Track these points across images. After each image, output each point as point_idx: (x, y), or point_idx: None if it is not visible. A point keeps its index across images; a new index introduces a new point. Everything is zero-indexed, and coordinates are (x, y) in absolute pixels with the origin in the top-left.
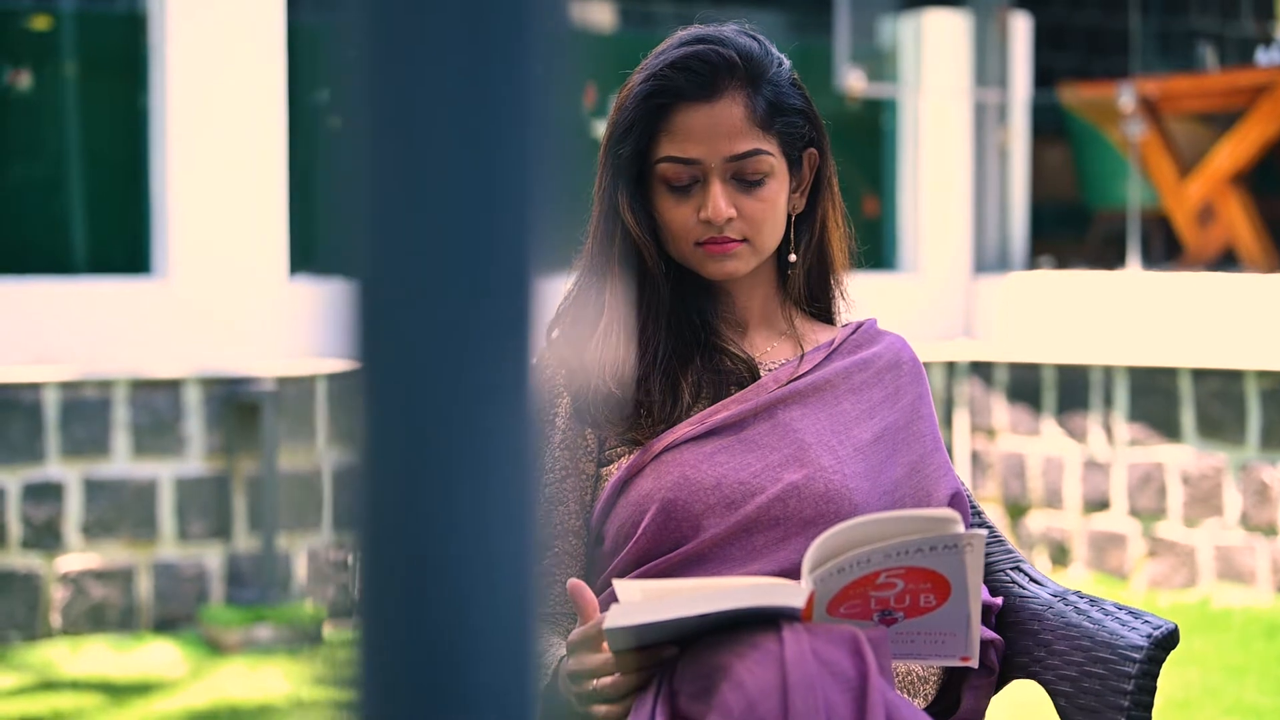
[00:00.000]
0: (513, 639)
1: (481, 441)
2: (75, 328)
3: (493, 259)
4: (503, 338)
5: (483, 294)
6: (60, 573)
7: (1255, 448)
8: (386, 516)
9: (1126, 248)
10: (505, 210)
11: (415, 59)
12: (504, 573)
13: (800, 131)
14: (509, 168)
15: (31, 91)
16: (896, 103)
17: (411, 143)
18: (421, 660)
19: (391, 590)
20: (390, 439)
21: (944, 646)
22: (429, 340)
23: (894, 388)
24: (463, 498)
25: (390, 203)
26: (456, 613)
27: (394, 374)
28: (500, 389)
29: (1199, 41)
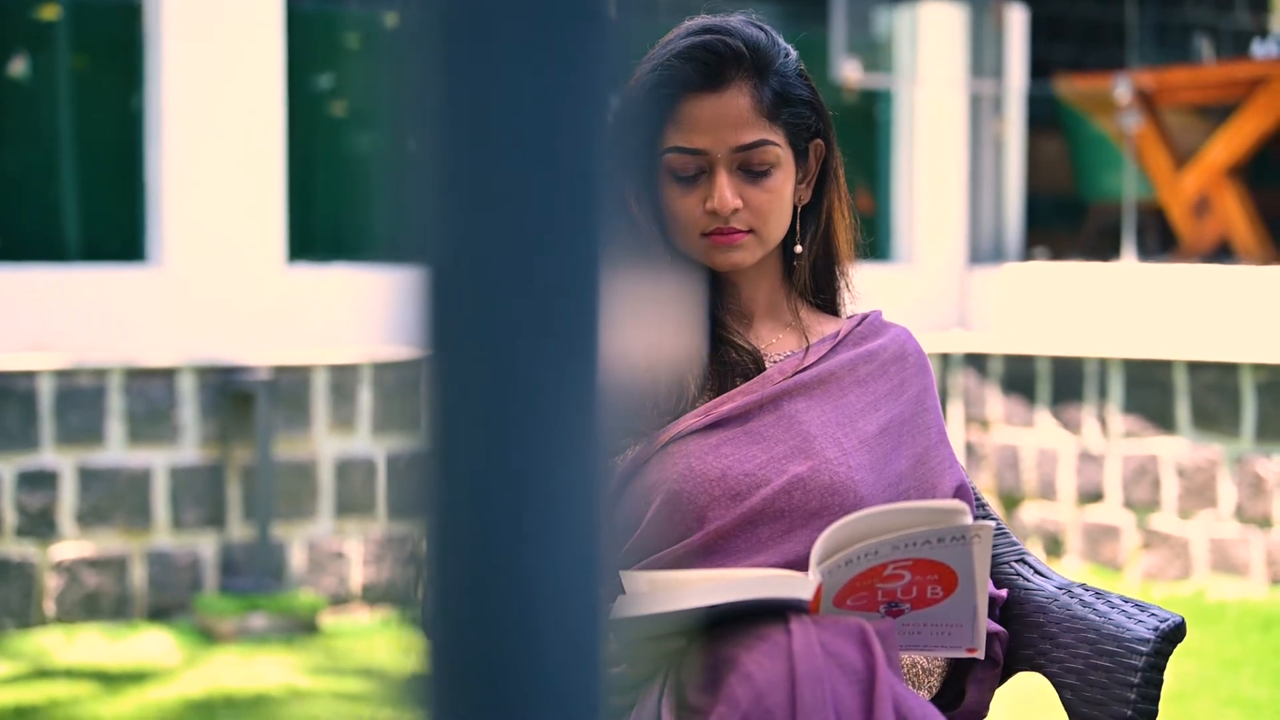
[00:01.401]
0: (581, 632)
1: (552, 432)
2: (70, 315)
3: (564, 250)
4: (573, 328)
5: (554, 284)
6: (54, 561)
7: (1250, 440)
8: (454, 507)
9: (1122, 239)
10: (576, 201)
11: (487, 52)
12: (573, 565)
13: (806, 122)
14: (579, 159)
15: (27, 78)
16: (892, 94)
17: (484, 134)
18: (488, 652)
19: (458, 581)
20: (460, 428)
21: (950, 638)
22: (500, 330)
23: (899, 380)
24: (532, 489)
25: (463, 193)
26: (524, 604)
27: (465, 363)
28: (571, 379)
29: (1194, 34)
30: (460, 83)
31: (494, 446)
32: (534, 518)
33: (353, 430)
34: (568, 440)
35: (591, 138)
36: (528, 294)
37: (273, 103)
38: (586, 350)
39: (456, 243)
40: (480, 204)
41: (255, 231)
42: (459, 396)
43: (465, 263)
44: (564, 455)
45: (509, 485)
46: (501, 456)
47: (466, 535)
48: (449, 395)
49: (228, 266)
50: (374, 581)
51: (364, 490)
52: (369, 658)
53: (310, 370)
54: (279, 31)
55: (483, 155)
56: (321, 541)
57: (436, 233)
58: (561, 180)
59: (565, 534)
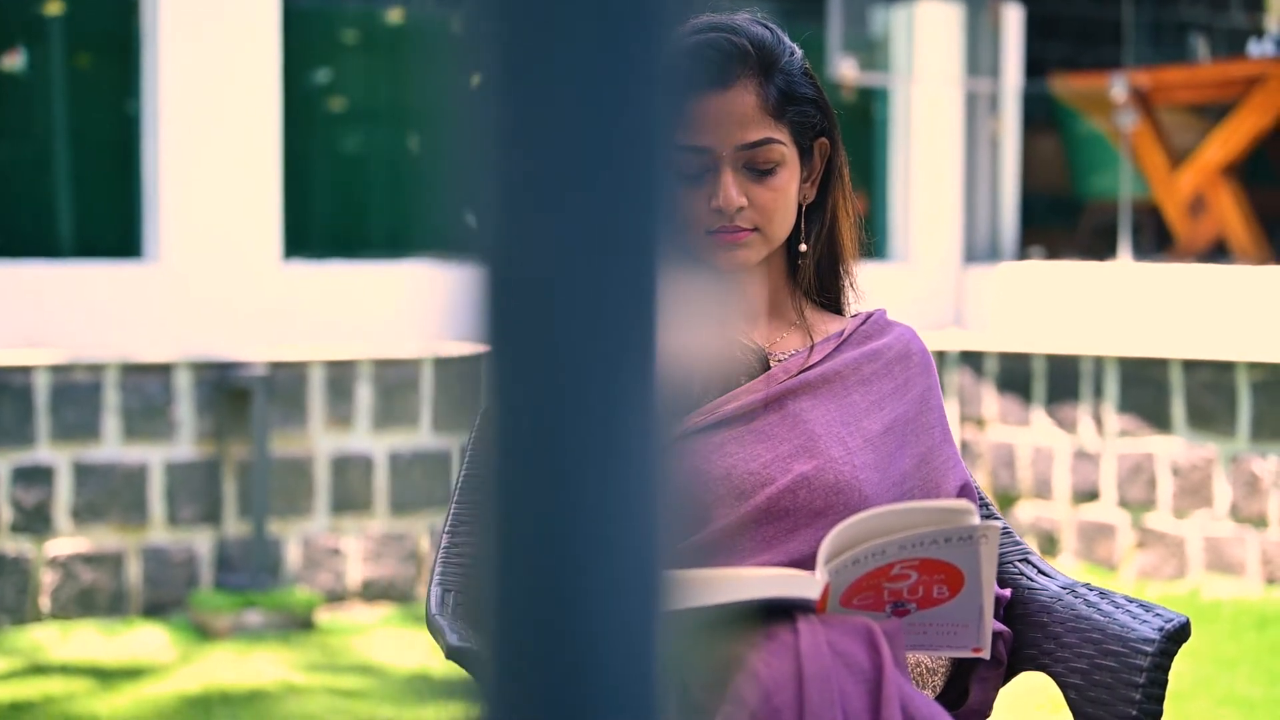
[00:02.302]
0: (639, 628)
1: (609, 429)
2: (66, 311)
3: (622, 245)
4: (631, 323)
5: (612, 280)
6: (50, 557)
7: (1246, 439)
8: (513, 502)
9: (1117, 238)
10: (634, 198)
11: (547, 51)
12: (632, 562)
13: (812, 121)
14: (637, 155)
15: (23, 72)
16: (888, 92)
17: (543, 131)
18: (547, 648)
19: (518, 578)
20: (518, 424)
21: (956, 638)
22: (558, 327)
23: (904, 379)
24: (591, 484)
25: (523, 189)
26: (584, 602)
27: (523, 358)
28: (629, 374)
29: (1190, 33)
30: (520, 81)
31: (551, 442)
32: (592, 515)
33: (349, 427)
34: (626, 437)
35: (651, 133)
36: (586, 291)
37: (270, 99)
38: (644, 347)
39: (515, 240)
40: (539, 201)
41: (252, 228)
42: (517, 393)
43: (524, 260)
44: (622, 452)
45: (566, 481)
46: (558, 452)
47: (525, 533)
48: (507, 391)
49: (224, 263)
50: (371, 578)
51: (360, 487)
52: (365, 654)
53: (307, 366)
54: (276, 28)
55: (542, 152)
56: (317, 538)
57: (495, 230)
58: (620, 178)
59: (624, 532)
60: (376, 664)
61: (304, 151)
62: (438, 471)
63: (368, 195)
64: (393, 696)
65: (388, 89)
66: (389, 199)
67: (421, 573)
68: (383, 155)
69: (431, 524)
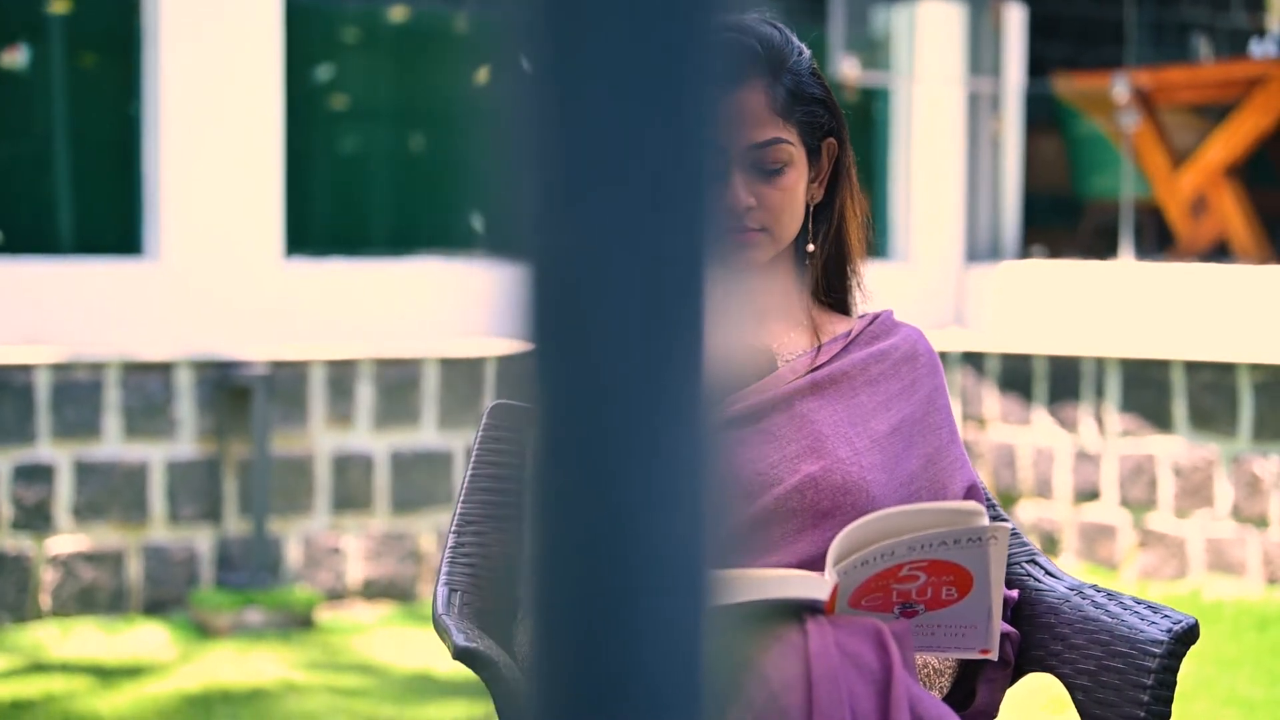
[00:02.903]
0: (687, 628)
1: (657, 427)
2: (67, 309)
3: (669, 244)
4: (678, 321)
5: (659, 279)
6: (50, 554)
7: (1247, 440)
8: (561, 500)
9: (1119, 238)
10: (681, 196)
11: (593, 50)
12: (679, 561)
13: (820, 121)
14: (684, 155)
15: (24, 69)
16: (890, 92)
17: (591, 130)
18: (594, 640)
19: (566, 575)
20: (564, 423)
21: (964, 639)
22: (606, 325)
23: (911, 379)
24: (638, 482)
25: (569, 188)
26: (630, 601)
27: (571, 356)
28: (676, 372)
29: (1191, 33)
30: (565, 77)
31: (597, 441)
32: (639, 514)
33: (350, 425)
34: (673, 435)
35: (698, 131)
36: (632, 288)
37: (271, 97)
38: (691, 345)
39: (561, 238)
40: (585, 198)
41: (253, 226)
42: (563, 391)
43: (570, 258)
44: (669, 450)
45: (613, 481)
46: (606, 450)
47: (571, 529)
48: (553, 390)
49: (225, 261)
50: (371, 577)
51: (361, 486)
52: (366, 653)
53: (307, 365)
54: (278, 25)
55: (587, 148)
56: (318, 537)
57: (541, 228)
58: (667, 174)
59: (671, 530)
60: (377, 663)
61: (305, 149)
62: (438, 471)
63: (369, 193)
64: (393, 695)
65: (389, 87)
66: (390, 197)
67: (422, 572)
68: (384, 153)
69: (432, 523)
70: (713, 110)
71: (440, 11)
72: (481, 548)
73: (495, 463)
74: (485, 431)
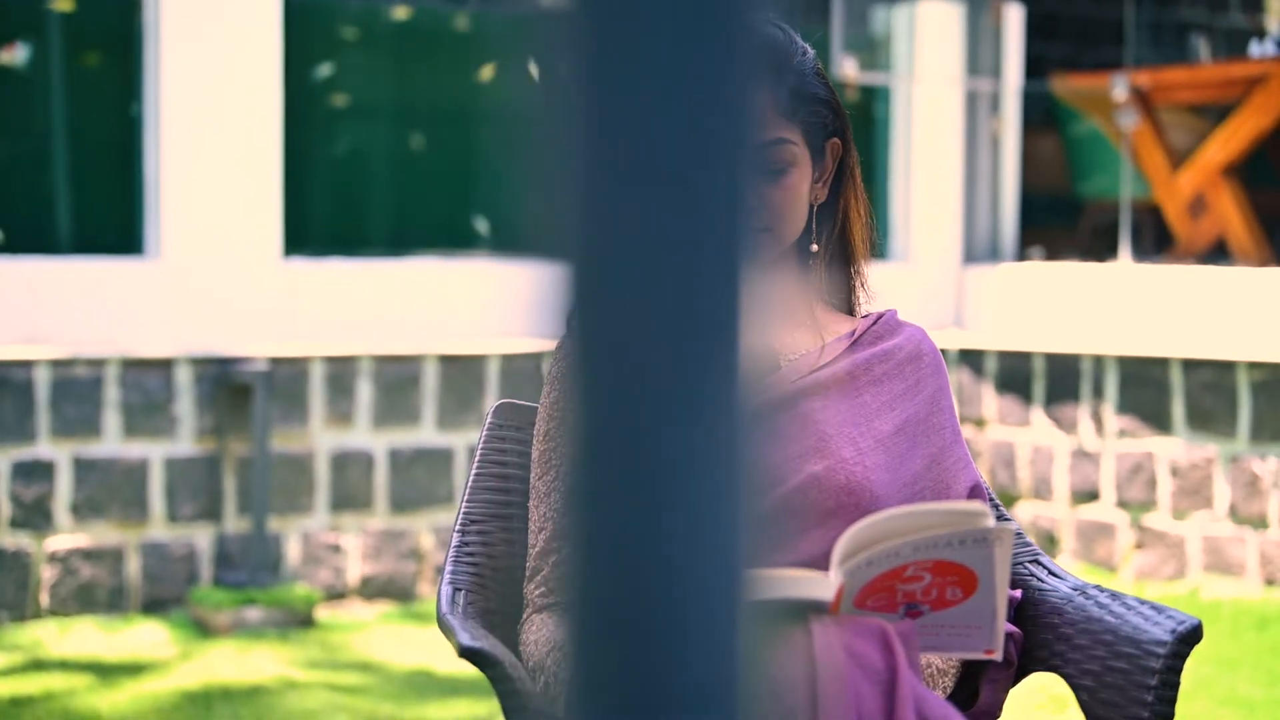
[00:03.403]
0: (723, 627)
1: (694, 427)
2: (67, 307)
3: (705, 245)
4: (715, 320)
5: (695, 279)
6: (49, 552)
7: (1246, 440)
8: (598, 498)
9: (1118, 239)
10: (716, 198)
11: (631, 54)
12: (716, 558)
13: (824, 121)
14: (720, 157)
15: (24, 67)
16: (889, 91)
17: (628, 133)
18: (632, 645)
19: (604, 574)
20: (603, 422)
21: (968, 639)
22: (642, 324)
23: (915, 380)
24: (675, 480)
25: (607, 190)
26: (668, 600)
27: (608, 355)
28: (713, 371)
29: (1190, 33)
30: (605, 77)
31: (637, 439)
32: (677, 509)
33: (350, 423)
34: (710, 434)
35: (735, 135)
36: (670, 287)
37: (271, 95)
38: (728, 344)
39: (600, 239)
40: (625, 200)
41: (252, 224)
42: (602, 391)
43: (609, 259)
44: (706, 449)
45: (651, 478)
46: (644, 449)
47: (609, 530)
48: (592, 389)
49: (224, 259)
50: (370, 575)
51: (360, 484)
52: (365, 651)
53: (307, 363)
54: (277, 24)
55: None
56: (317, 535)
57: (580, 229)
58: (705, 176)
59: (708, 525)
60: (376, 661)
61: (305, 148)
62: (438, 469)
63: (368, 192)
64: (392, 694)
65: (389, 86)
66: (390, 196)
67: (422, 570)
68: (384, 152)
69: (431, 522)
70: (748, 110)
71: (441, 10)
72: (485, 547)
73: (499, 462)
74: (490, 431)
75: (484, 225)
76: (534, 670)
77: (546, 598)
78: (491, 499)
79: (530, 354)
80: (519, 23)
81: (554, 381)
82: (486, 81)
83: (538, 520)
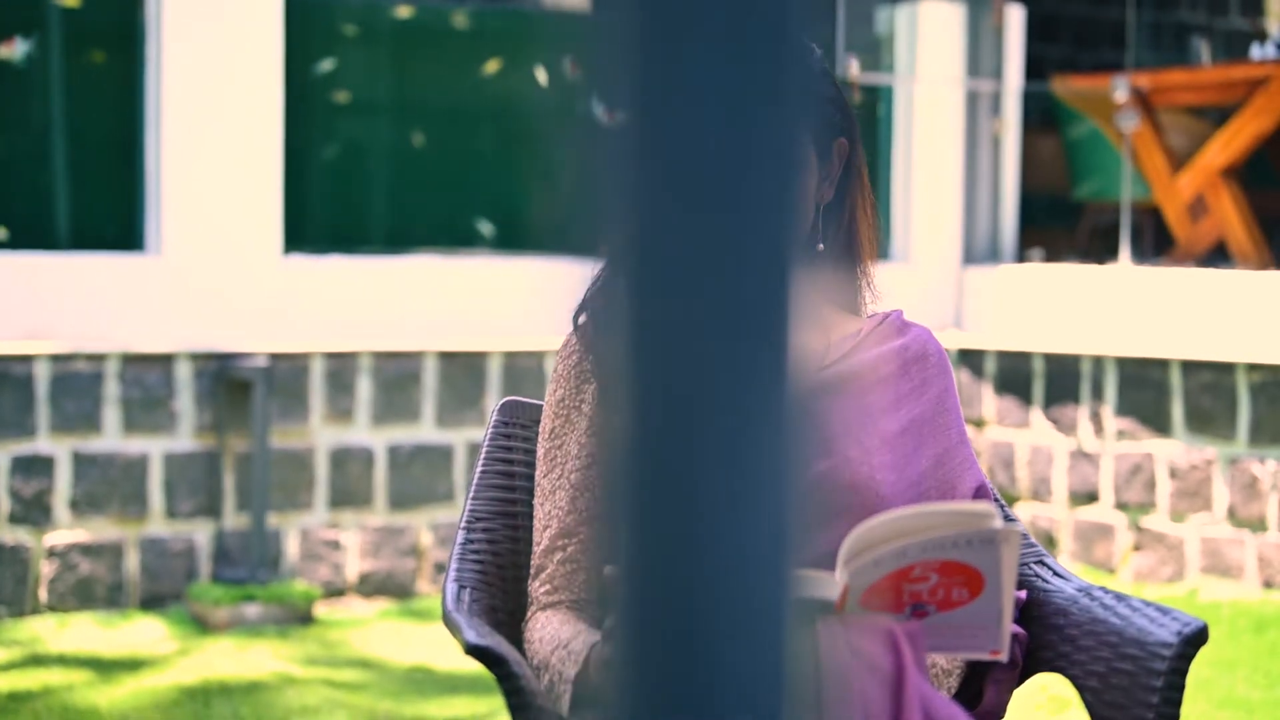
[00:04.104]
0: (769, 627)
1: (742, 430)
2: (67, 302)
3: (754, 248)
4: (764, 325)
5: (744, 281)
6: (49, 547)
7: (1245, 442)
8: (647, 500)
9: (1118, 241)
10: (765, 202)
11: (683, 56)
12: (762, 565)
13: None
14: (770, 162)
15: (24, 62)
16: (890, 91)
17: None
18: (679, 645)
19: (652, 574)
20: (652, 422)
21: (974, 640)
22: (692, 327)
23: (921, 380)
24: (722, 485)
25: (657, 192)
26: (714, 599)
27: (657, 358)
28: (760, 376)
29: (1191, 35)
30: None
31: (688, 438)
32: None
33: (349, 420)
34: (758, 438)
35: (784, 140)
36: (720, 293)
37: (271, 92)
38: (776, 349)
39: (649, 241)
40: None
41: (252, 221)
42: (654, 387)
43: (661, 257)
44: (754, 452)
45: (698, 481)
46: (691, 453)
47: (656, 534)
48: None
49: (224, 256)
50: (369, 572)
51: (360, 480)
52: (363, 648)
53: (307, 359)
54: (278, 20)
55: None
56: (316, 531)
57: (630, 231)
58: (754, 178)
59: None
60: (374, 658)
61: (305, 145)
62: (437, 466)
63: (369, 189)
64: (391, 690)
65: (390, 82)
66: (390, 193)
67: (421, 567)
68: (384, 149)
69: (431, 519)
70: (800, 120)
71: (442, 7)
72: (490, 545)
73: (505, 460)
74: (495, 428)
75: (484, 223)
76: (538, 668)
77: (551, 595)
78: (496, 496)
79: (531, 351)
80: (523, 20)
81: (559, 379)
82: (488, 79)
83: (542, 518)
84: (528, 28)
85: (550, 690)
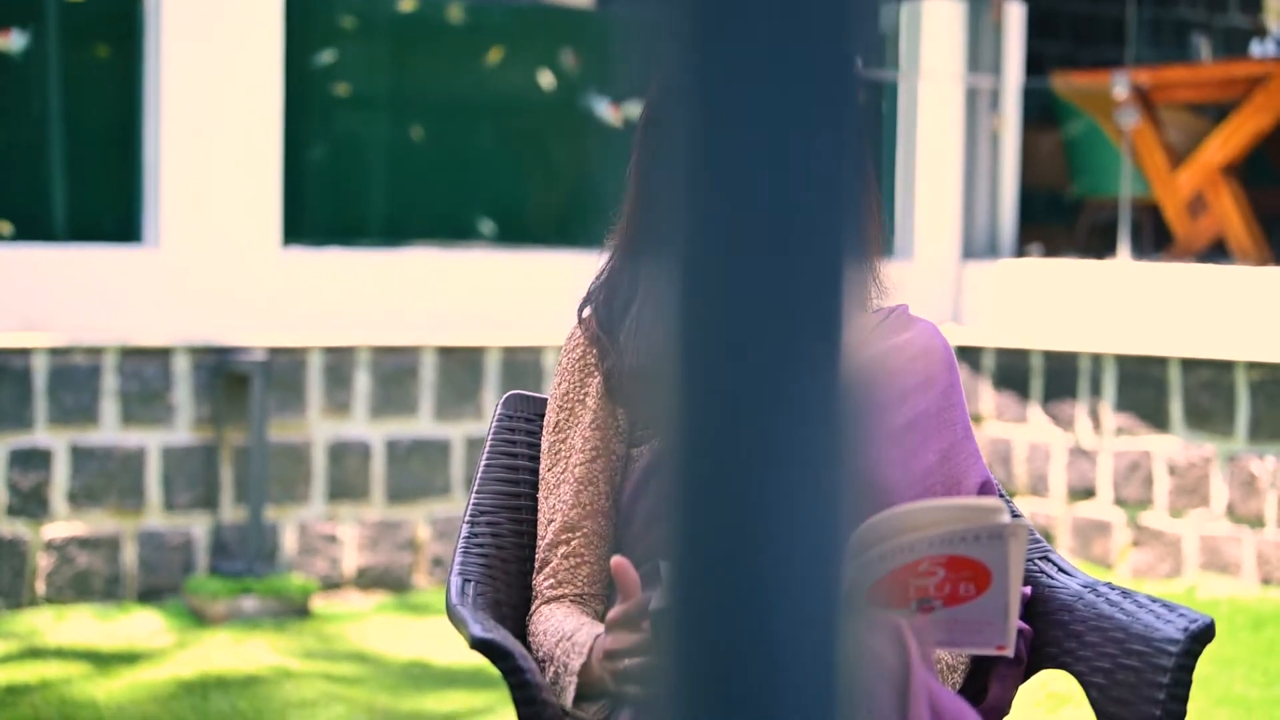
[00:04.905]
0: (822, 625)
1: (795, 429)
2: (65, 295)
3: (807, 243)
4: (817, 325)
5: (797, 278)
6: (46, 540)
7: (1243, 439)
8: (698, 502)
9: (1116, 237)
10: (820, 197)
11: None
12: (814, 565)
13: None
14: (824, 157)
15: (22, 53)
16: (890, 87)
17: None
18: (731, 645)
19: (703, 575)
20: (704, 423)
21: (980, 636)
22: (744, 324)
23: (926, 375)
24: (775, 485)
25: (709, 189)
26: (766, 599)
27: (709, 356)
28: (814, 374)
29: (1190, 32)
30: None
31: (739, 437)
32: (775, 517)
33: (347, 414)
34: (812, 433)
35: (839, 135)
36: (774, 291)
37: (271, 84)
38: (829, 348)
39: (702, 237)
40: (728, 200)
41: (251, 213)
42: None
43: (713, 257)
44: (806, 449)
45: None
46: (743, 452)
47: (708, 533)
48: (695, 384)
49: (223, 248)
50: (366, 565)
51: (357, 474)
52: (360, 642)
53: (305, 352)
54: (279, 12)
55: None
56: (314, 525)
57: (682, 228)
58: (810, 179)
59: (807, 533)
60: (371, 652)
61: (304, 137)
62: (435, 460)
63: (368, 182)
64: (388, 684)
65: (390, 75)
66: (389, 186)
67: (418, 561)
68: (383, 142)
69: (428, 513)
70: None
71: (442, 0)
72: (495, 538)
73: (509, 453)
74: (499, 422)
75: (484, 217)
76: (542, 660)
77: (555, 589)
78: (500, 490)
79: (529, 346)
80: (523, 14)
81: (564, 372)
82: (487, 72)
83: (546, 511)
84: (527, 21)
85: (554, 683)
